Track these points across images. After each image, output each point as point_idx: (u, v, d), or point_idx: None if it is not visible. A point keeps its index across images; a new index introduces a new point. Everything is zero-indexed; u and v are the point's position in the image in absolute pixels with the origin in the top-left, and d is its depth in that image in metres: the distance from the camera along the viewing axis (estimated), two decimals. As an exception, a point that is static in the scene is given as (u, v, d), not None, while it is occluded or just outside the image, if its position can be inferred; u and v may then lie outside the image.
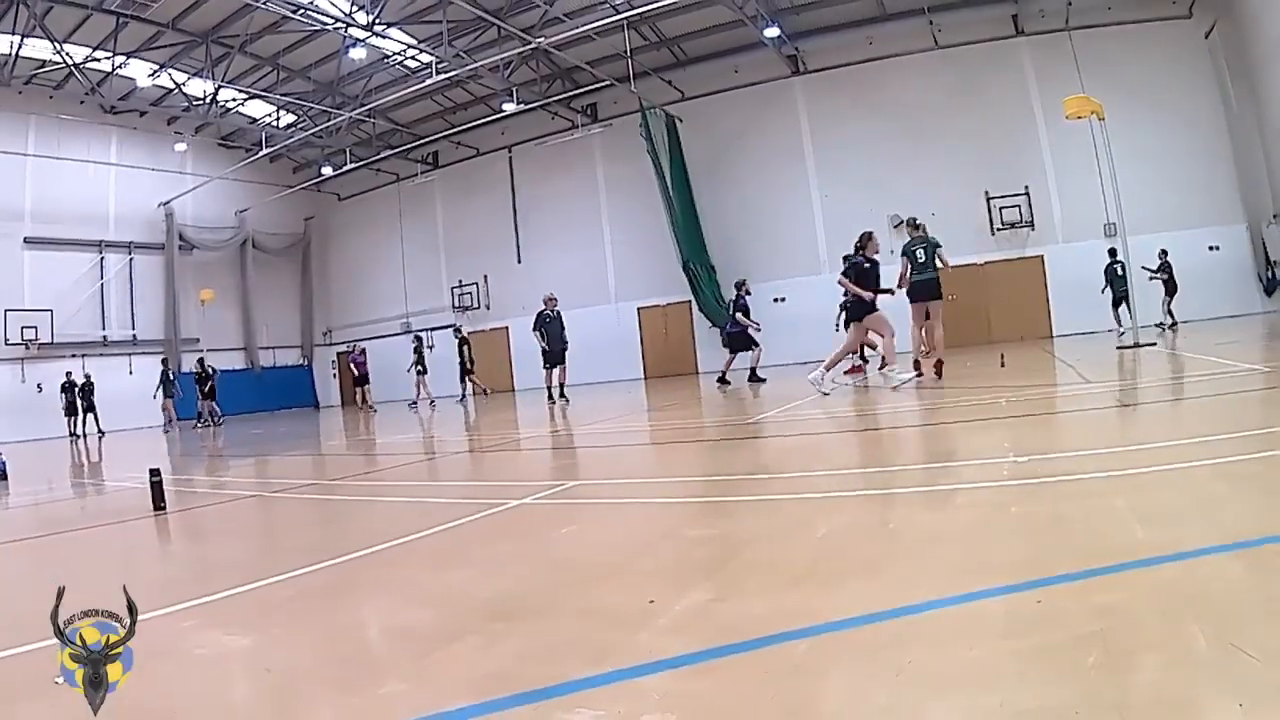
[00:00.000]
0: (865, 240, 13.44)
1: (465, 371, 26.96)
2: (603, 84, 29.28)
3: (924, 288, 13.79)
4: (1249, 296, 25.36)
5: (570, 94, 31.48)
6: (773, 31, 27.29)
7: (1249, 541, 3.12)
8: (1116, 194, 17.88)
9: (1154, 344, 15.56)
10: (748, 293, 20.23)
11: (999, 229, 27.86)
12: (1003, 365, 15.14)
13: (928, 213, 27.11)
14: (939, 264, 13.70)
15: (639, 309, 32.62)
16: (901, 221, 27.63)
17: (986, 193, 28.01)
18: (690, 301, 30.71)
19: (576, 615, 3.19)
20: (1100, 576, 2.93)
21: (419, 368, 27.56)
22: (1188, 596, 2.64)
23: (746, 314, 19.83)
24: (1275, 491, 4.04)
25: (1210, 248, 25.37)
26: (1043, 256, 27.67)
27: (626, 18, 24.95)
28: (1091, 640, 2.35)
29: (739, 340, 19.95)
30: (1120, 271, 21.16)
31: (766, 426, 10.25)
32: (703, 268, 29.91)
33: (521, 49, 26.04)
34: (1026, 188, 27.75)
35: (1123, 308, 20.82)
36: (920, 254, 13.79)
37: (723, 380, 19.24)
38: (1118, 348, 16.37)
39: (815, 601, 3.01)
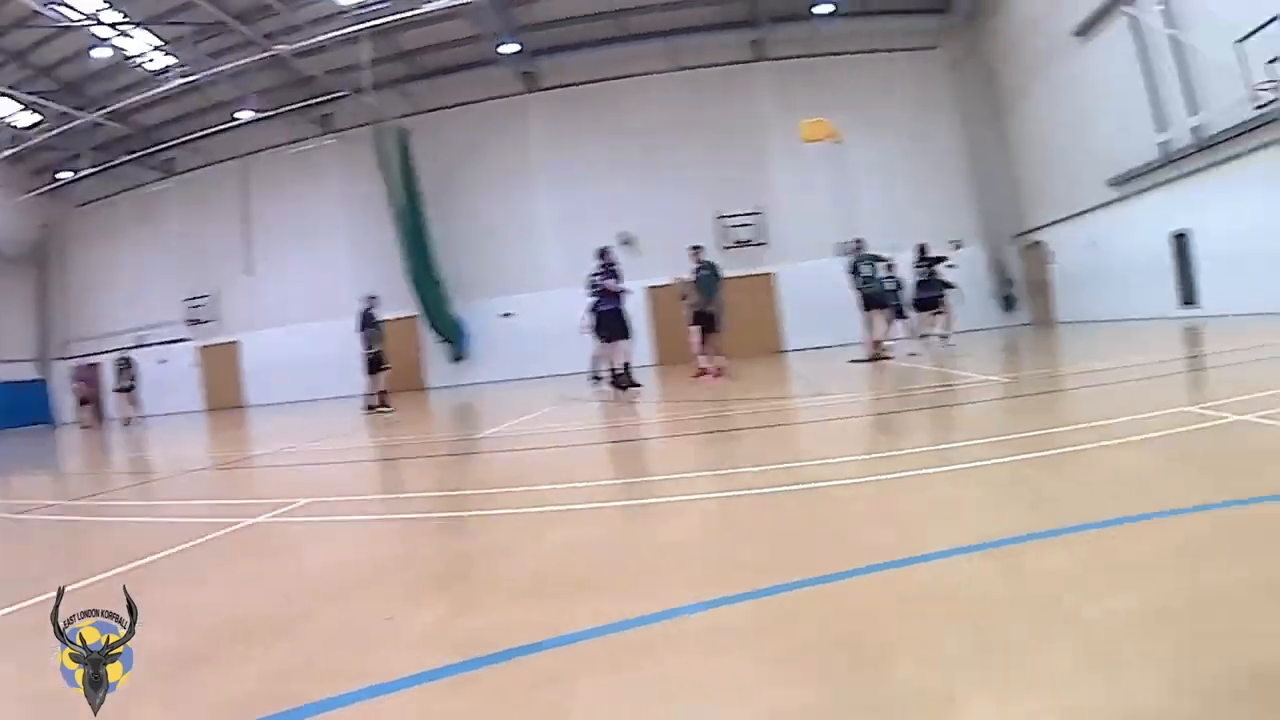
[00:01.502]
0: None
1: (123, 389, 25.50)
2: (340, 95, 28.51)
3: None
4: (987, 312, 27.07)
5: (307, 103, 30.30)
6: (511, 48, 27.37)
7: (993, 542, 3.30)
8: (851, 214, 18.61)
9: (889, 358, 16.18)
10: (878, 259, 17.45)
11: (730, 247, 28.54)
12: (736, 379, 15.61)
13: (658, 232, 27.81)
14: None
15: (369, 323, 31.25)
16: (629, 240, 28.01)
17: (719, 212, 28.86)
18: (418, 316, 30.10)
19: (318, 635, 3.11)
20: (843, 580, 3.03)
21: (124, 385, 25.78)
22: (936, 596, 2.77)
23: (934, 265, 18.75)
24: (1015, 495, 4.32)
25: (947, 266, 26.88)
26: (774, 274, 28.70)
27: (368, 28, 24.51)
28: (840, 642, 2.43)
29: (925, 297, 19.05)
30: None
31: (500, 441, 10.25)
32: (430, 282, 29.51)
33: (261, 55, 25.19)
34: (759, 207, 28.80)
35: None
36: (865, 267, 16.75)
37: (871, 358, 16.14)
38: (850, 361, 16.83)
39: (557, 613, 3.01)
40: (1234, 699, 1.88)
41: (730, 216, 28.88)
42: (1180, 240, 19.48)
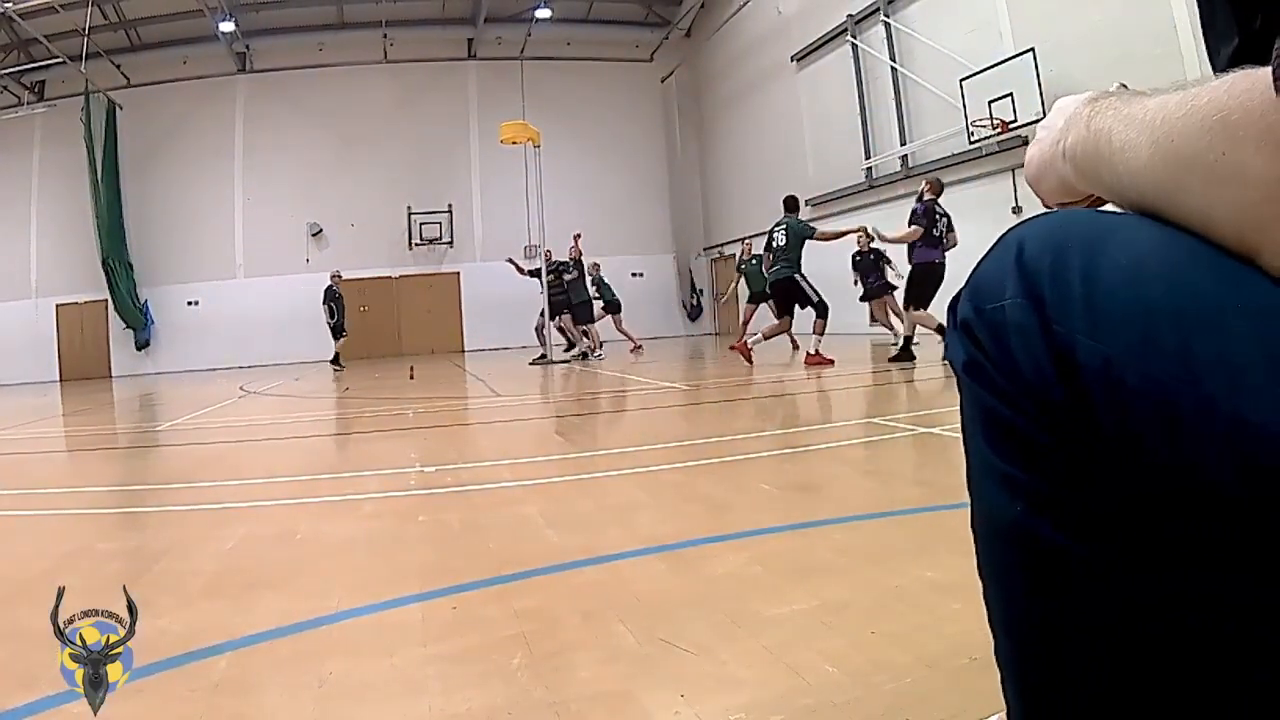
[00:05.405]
0: None
1: None
2: (55, 61, 26.25)
3: None
4: (672, 321, 27.94)
5: (23, 68, 27.75)
6: (229, 26, 26.34)
7: (667, 545, 3.34)
8: (542, 218, 18.89)
9: (568, 361, 16.39)
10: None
11: (418, 244, 28.89)
12: (412, 378, 15.61)
13: (347, 224, 27.52)
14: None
15: (58, 306, 28.92)
16: (320, 230, 27.54)
17: (409, 208, 28.92)
18: (107, 300, 28.21)
19: (-1, 639, 2.80)
20: (515, 581, 3.00)
21: None
22: (609, 598, 2.75)
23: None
24: (691, 498, 4.38)
25: (634, 274, 27.66)
26: (459, 273, 28.86)
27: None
28: (513, 643, 2.39)
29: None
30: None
31: (174, 435, 9.69)
32: (121, 265, 27.85)
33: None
34: (450, 205, 29.05)
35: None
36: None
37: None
38: (530, 363, 17.18)
39: (231, 615, 2.86)
40: (910, 687, 1.97)
41: (421, 213, 28.93)
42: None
